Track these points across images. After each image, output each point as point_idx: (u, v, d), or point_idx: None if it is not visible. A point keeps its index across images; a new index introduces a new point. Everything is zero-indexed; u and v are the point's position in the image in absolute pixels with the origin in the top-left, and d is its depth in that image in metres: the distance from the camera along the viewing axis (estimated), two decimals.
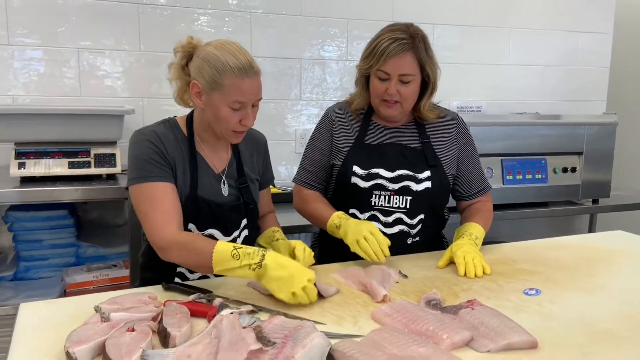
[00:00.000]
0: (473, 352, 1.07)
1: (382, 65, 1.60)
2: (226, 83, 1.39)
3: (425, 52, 1.62)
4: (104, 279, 2.19)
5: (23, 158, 2.08)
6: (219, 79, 1.39)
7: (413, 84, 1.63)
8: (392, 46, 1.58)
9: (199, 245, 1.34)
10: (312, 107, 2.91)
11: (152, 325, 1.13)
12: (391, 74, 1.61)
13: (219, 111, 1.42)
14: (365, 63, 1.66)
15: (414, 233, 1.73)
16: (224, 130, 1.46)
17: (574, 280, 1.49)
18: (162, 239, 1.37)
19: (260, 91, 1.46)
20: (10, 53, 2.39)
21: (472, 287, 1.43)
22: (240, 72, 1.39)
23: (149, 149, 1.44)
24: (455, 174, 1.79)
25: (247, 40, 2.73)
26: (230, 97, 1.40)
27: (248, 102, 1.42)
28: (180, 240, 1.37)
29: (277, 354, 0.95)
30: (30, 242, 2.21)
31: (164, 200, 1.41)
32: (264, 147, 1.71)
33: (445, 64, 3.08)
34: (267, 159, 1.73)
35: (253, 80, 1.42)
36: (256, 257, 1.28)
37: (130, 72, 2.57)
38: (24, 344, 1.09)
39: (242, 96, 1.41)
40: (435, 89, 1.69)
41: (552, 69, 3.43)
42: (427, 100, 1.70)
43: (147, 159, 1.43)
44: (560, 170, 2.87)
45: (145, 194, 1.41)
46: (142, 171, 1.42)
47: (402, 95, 1.63)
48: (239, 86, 1.39)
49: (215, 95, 1.41)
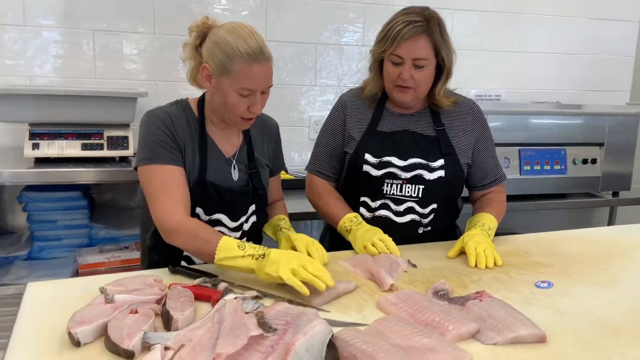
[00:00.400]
0: (479, 344, 1.05)
1: (396, 49, 1.57)
2: (235, 69, 1.36)
3: (440, 35, 1.57)
4: (115, 261, 2.20)
5: (37, 139, 2.09)
6: (228, 64, 1.36)
7: (427, 68, 1.59)
8: (406, 29, 1.54)
9: (205, 234, 1.34)
10: (327, 93, 2.88)
11: (156, 308, 1.13)
12: (405, 58, 1.57)
13: (227, 97, 1.40)
14: (378, 47, 1.62)
15: (425, 223, 1.70)
16: (232, 116, 1.44)
17: (588, 273, 1.45)
18: (169, 223, 1.36)
19: (270, 78, 1.43)
20: (26, 34, 2.39)
21: (482, 279, 1.40)
22: (250, 58, 1.36)
23: (159, 131, 1.43)
24: (470, 163, 1.75)
25: (262, 24, 2.70)
26: (238, 84, 1.38)
27: (257, 89, 1.40)
28: (187, 226, 1.36)
29: (277, 340, 0.94)
30: (44, 223, 2.23)
31: (172, 184, 1.40)
32: (275, 134, 1.69)
33: (464, 50, 3.06)
34: (278, 145, 1.71)
35: (263, 66, 1.38)
36: (260, 250, 1.29)
37: (145, 55, 2.57)
38: (28, 323, 1.09)
39: (251, 83, 1.38)
40: (450, 74, 1.65)
41: (575, 57, 3.33)
42: (442, 86, 1.66)
43: (158, 140, 1.42)
44: (580, 162, 2.80)
45: (153, 176, 1.41)
46: (152, 152, 1.41)
47: (415, 81, 1.59)
48: (247, 73, 1.37)
49: (224, 80, 1.39)
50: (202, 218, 1.49)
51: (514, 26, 3.18)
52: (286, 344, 0.92)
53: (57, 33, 2.43)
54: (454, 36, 1.63)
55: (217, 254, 1.30)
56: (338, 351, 0.96)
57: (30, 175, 2.01)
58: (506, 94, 3.21)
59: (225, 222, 1.52)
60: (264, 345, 0.94)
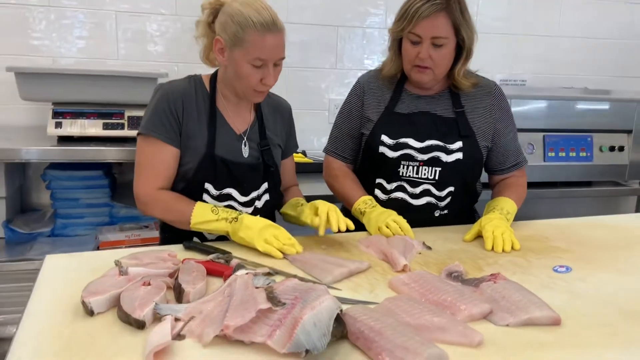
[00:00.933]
0: (491, 325, 1.03)
1: (414, 27, 1.54)
2: (248, 39, 1.37)
3: (460, 14, 1.54)
4: (135, 239, 2.23)
5: (60, 118, 2.13)
6: (241, 34, 1.38)
7: (446, 48, 1.56)
8: (424, 7, 1.51)
9: (180, 205, 1.43)
10: (348, 77, 2.85)
11: (168, 281, 1.14)
12: (423, 36, 1.54)
13: (240, 68, 1.41)
14: (397, 26, 1.60)
15: (442, 206, 1.68)
16: (245, 88, 1.45)
17: (609, 260, 1.42)
18: (144, 194, 1.45)
19: (282, 50, 1.43)
20: (50, 15, 2.42)
21: (498, 262, 1.38)
22: (263, 28, 1.37)
23: (164, 105, 1.46)
24: (490, 146, 1.72)
25: (284, 6, 2.68)
26: (251, 54, 1.38)
27: (269, 59, 1.40)
28: (162, 198, 1.45)
29: (285, 314, 0.94)
30: (67, 201, 2.27)
31: (157, 160, 1.46)
32: (288, 114, 1.69)
33: (489, 34, 3.00)
34: (291, 126, 1.71)
35: (275, 36, 1.39)
36: (234, 214, 1.38)
37: (167, 36, 2.58)
38: (44, 294, 1.12)
39: (263, 53, 1.38)
40: (470, 54, 1.61)
41: (604, 42, 3.23)
42: (462, 66, 1.62)
43: (161, 115, 1.45)
44: (607, 149, 2.73)
45: (145, 147, 1.47)
46: (152, 124, 1.46)
47: (434, 60, 1.56)
48: (260, 42, 1.37)
49: (237, 52, 1.40)
50: (212, 193, 1.51)
51: (541, 9, 3.09)
52: (294, 317, 0.92)
53: (80, 14, 2.46)
54: (479, 19, 1.61)
55: (192, 219, 1.39)
56: (346, 327, 0.96)
57: (53, 153, 2.05)
58: (532, 79, 3.14)
59: (235, 197, 1.53)
60: (272, 319, 0.94)
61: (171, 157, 1.47)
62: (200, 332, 0.95)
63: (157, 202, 1.45)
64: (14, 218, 2.30)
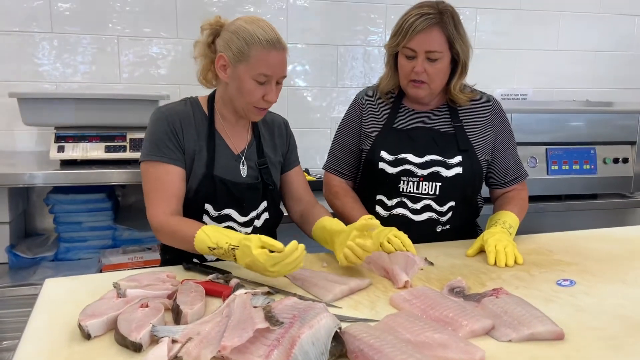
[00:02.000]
0: (493, 341, 1.02)
1: (408, 41, 1.55)
2: (253, 54, 1.39)
3: (454, 28, 1.55)
4: (138, 261, 2.23)
5: (62, 142, 2.14)
6: (246, 50, 1.39)
7: (441, 62, 1.57)
8: (418, 21, 1.53)
9: (182, 234, 1.36)
10: (349, 94, 2.87)
11: (167, 303, 1.13)
12: (417, 50, 1.55)
13: (243, 84, 1.42)
14: (392, 41, 1.61)
15: (443, 221, 1.67)
16: (246, 105, 1.45)
17: (613, 272, 1.40)
18: (154, 223, 1.42)
19: (285, 68, 1.45)
20: (53, 41, 2.46)
21: (501, 277, 1.36)
22: (268, 44, 1.39)
23: (164, 128, 1.45)
24: (490, 160, 1.71)
25: (283, 26, 2.71)
26: (255, 69, 1.40)
27: (273, 75, 1.42)
28: (167, 226, 1.39)
29: (283, 333, 0.93)
30: (70, 224, 2.27)
31: (165, 183, 1.44)
32: (285, 128, 1.68)
33: (488, 49, 3.02)
34: (290, 137, 1.69)
35: (279, 53, 1.41)
36: (230, 257, 1.28)
37: (168, 59, 2.61)
38: (42, 317, 1.11)
39: (268, 69, 1.40)
40: (466, 69, 1.62)
41: (604, 54, 3.24)
42: (458, 80, 1.63)
43: (161, 137, 1.45)
44: (611, 161, 2.71)
45: (152, 173, 1.45)
46: (155, 149, 1.45)
47: (429, 75, 1.57)
48: (265, 58, 1.39)
49: (241, 67, 1.41)
50: (211, 214, 1.50)
51: (539, 24, 3.11)
52: (292, 337, 0.91)
53: (83, 39, 2.49)
54: (477, 35, 1.62)
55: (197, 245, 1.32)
56: (345, 345, 0.95)
57: (56, 177, 2.06)
58: (533, 93, 3.15)
59: (235, 217, 1.52)
60: (270, 339, 0.93)
61: (178, 177, 1.46)
62: (197, 354, 0.94)
63: (165, 229, 1.40)
64: (17, 243, 2.31)
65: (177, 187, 1.45)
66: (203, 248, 1.31)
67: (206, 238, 1.30)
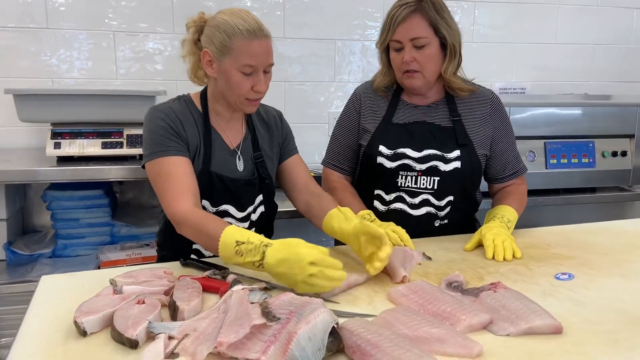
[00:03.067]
0: (491, 335, 1.01)
1: (393, 34, 1.57)
2: (235, 46, 1.37)
3: (435, 13, 1.55)
4: (136, 257, 2.22)
5: (59, 138, 2.13)
6: (228, 42, 1.38)
7: (429, 48, 1.57)
8: (398, 12, 1.55)
9: (208, 230, 1.27)
10: (347, 89, 2.85)
11: (163, 299, 1.13)
12: (403, 40, 1.56)
13: (230, 77, 1.40)
14: (380, 38, 1.63)
15: (442, 215, 1.66)
16: (237, 97, 1.44)
17: (612, 265, 1.39)
18: (177, 213, 1.34)
19: (271, 56, 1.43)
20: (48, 37, 2.44)
21: (499, 270, 1.36)
22: (249, 34, 1.37)
23: (164, 123, 1.43)
24: (489, 155, 1.71)
25: (280, 20, 2.70)
26: (240, 61, 1.38)
27: (259, 65, 1.40)
28: (193, 219, 1.32)
29: (280, 329, 0.92)
30: (67, 221, 2.27)
31: (179, 174, 1.39)
32: (280, 120, 1.67)
33: (487, 43, 3.00)
34: (285, 129, 1.67)
35: (262, 42, 1.39)
36: (257, 255, 1.18)
37: (165, 55, 2.59)
38: (37, 314, 1.11)
39: (252, 59, 1.38)
40: (456, 52, 1.61)
41: (603, 48, 3.23)
42: (449, 64, 1.61)
43: (163, 133, 1.42)
44: (610, 154, 2.70)
45: (161, 169, 1.40)
46: (158, 146, 1.41)
47: (419, 62, 1.57)
48: (248, 49, 1.37)
49: (226, 61, 1.40)
50: (209, 210, 1.49)
51: (538, 17, 3.10)
52: (288, 332, 0.91)
53: (79, 34, 2.48)
54: (475, 28, 1.61)
55: (222, 259, 1.25)
56: (342, 341, 0.94)
57: (53, 173, 2.05)
58: (531, 86, 3.14)
59: (232, 213, 1.51)
60: (267, 335, 0.92)
61: (188, 167, 1.41)
62: (193, 350, 0.94)
63: (187, 224, 1.33)
64: (15, 240, 2.30)
65: (190, 176, 1.40)
66: (229, 242, 1.21)
67: (236, 232, 1.23)
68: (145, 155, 1.44)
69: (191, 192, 1.38)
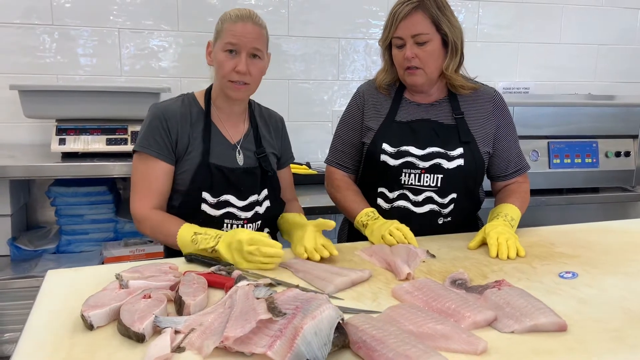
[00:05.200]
0: (496, 332, 1.02)
1: (395, 30, 1.59)
2: (223, 28, 1.48)
3: (437, 9, 1.56)
4: (140, 254, 2.23)
5: (63, 134, 2.14)
6: (219, 27, 1.49)
7: (430, 44, 1.57)
8: (400, 8, 1.57)
9: (165, 228, 1.44)
10: (350, 88, 2.86)
11: (169, 294, 1.13)
12: (404, 37, 1.57)
13: (217, 58, 1.49)
14: (383, 35, 1.64)
15: (445, 213, 1.67)
16: (222, 79, 1.50)
17: (615, 264, 1.40)
18: (137, 212, 1.48)
19: (257, 41, 1.48)
20: (54, 34, 2.45)
21: (503, 269, 1.36)
22: (237, 18, 1.47)
23: (157, 123, 1.50)
24: (491, 152, 1.71)
25: (284, 19, 2.70)
26: (224, 40, 1.47)
27: (240, 44, 1.46)
28: (152, 216, 1.47)
29: (286, 324, 0.93)
30: (71, 217, 2.28)
31: (151, 177, 1.49)
32: (281, 126, 1.72)
33: (490, 42, 3.01)
34: (285, 137, 1.74)
35: (247, 25, 1.47)
36: (212, 242, 1.35)
37: (170, 52, 2.60)
38: (45, 309, 1.11)
39: (234, 37, 1.46)
40: (457, 50, 1.61)
41: (607, 48, 3.23)
42: (450, 61, 1.62)
43: (153, 132, 1.49)
44: (613, 154, 2.70)
45: (140, 164, 1.51)
46: (146, 141, 1.50)
47: (421, 59, 1.58)
48: (232, 29, 1.46)
49: (217, 44, 1.50)
50: (209, 201, 1.52)
51: (542, 17, 3.10)
52: (294, 327, 0.91)
53: (84, 31, 2.49)
54: (479, 28, 1.62)
55: (182, 249, 1.40)
56: (348, 336, 0.95)
57: (57, 169, 2.06)
58: (535, 86, 3.14)
59: (233, 203, 1.55)
60: (273, 329, 0.93)
61: (163, 174, 1.51)
62: (200, 344, 0.94)
63: (147, 222, 1.48)
64: (19, 235, 2.31)
65: (162, 183, 1.51)
66: (187, 233, 1.39)
67: (195, 227, 1.41)
68: (136, 143, 1.53)
69: (156, 195, 1.50)
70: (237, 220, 1.56)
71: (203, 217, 1.52)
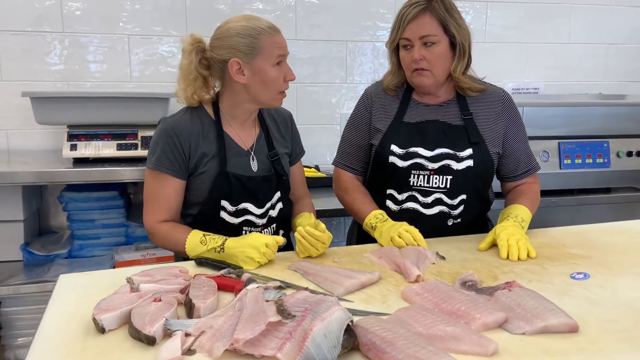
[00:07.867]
0: (507, 334, 1.01)
1: (403, 32, 1.59)
2: (265, 44, 1.46)
3: (445, 11, 1.56)
4: (151, 258, 2.25)
5: (75, 140, 2.17)
6: (257, 43, 1.45)
7: (438, 46, 1.57)
8: (408, 10, 1.57)
9: (175, 237, 1.48)
10: (358, 90, 2.86)
11: (179, 297, 1.14)
12: (412, 38, 1.57)
13: (266, 74, 1.47)
14: (390, 37, 1.64)
15: (455, 214, 1.66)
16: (272, 93, 1.51)
17: (628, 265, 1.38)
18: (148, 226, 1.53)
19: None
20: (64, 40, 2.48)
21: (513, 270, 1.35)
22: (271, 30, 1.48)
23: (167, 140, 1.49)
24: (501, 153, 1.70)
25: (292, 23, 2.71)
26: (273, 54, 1.47)
27: (286, 54, 1.50)
28: (161, 229, 1.51)
29: (296, 326, 0.93)
30: (83, 222, 2.30)
31: (162, 194, 1.51)
32: (290, 120, 1.73)
33: (499, 43, 2.99)
34: (295, 132, 1.74)
35: (281, 35, 1.51)
36: (219, 241, 1.41)
37: (178, 57, 2.60)
38: (57, 312, 1.12)
39: (281, 49, 1.49)
40: (465, 51, 1.61)
41: (617, 47, 3.20)
42: (458, 63, 1.61)
43: (164, 149, 1.49)
44: (625, 154, 2.68)
45: (152, 181, 1.52)
46: (157, 159, 1.50)
47: (429, 61, 1.58)
48: (275, 42, 1.48)
49: (258, 60, 1.47)
50: (229, 209, 1.53)
51: (551, 17, 3.08)
52: (304, 329, 0.91)
53: (94, 38, 2.51)
54: (488, 28, 1.61)
55: (188, 253, 1.44)
56: (357, 338, 0.95)
57: (69, 175, 2.08)
58: (545, 86, 3.12)
59: (251, 210, 1.55)
60: (282, 332, 0.93)
61: (174, 190, 1.52)
62: (210, 347, 0.95)
63: (158, 234, 1.52)
64: (32, 241, 2.33)
65: (173, 199, 1.53)
66: (196, 236, 1.43)
67: (200, 232, 1.45)
68: (147, 160, 1.53)
69: (166, 209, 1.53)
70: (255, 227, 1.57)
71: (222, 225, 1.53)
